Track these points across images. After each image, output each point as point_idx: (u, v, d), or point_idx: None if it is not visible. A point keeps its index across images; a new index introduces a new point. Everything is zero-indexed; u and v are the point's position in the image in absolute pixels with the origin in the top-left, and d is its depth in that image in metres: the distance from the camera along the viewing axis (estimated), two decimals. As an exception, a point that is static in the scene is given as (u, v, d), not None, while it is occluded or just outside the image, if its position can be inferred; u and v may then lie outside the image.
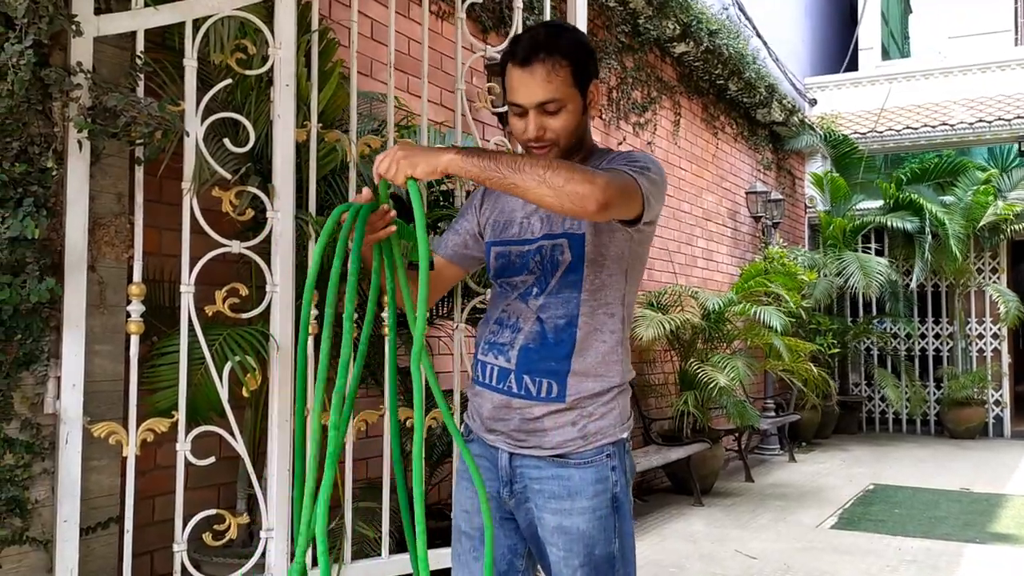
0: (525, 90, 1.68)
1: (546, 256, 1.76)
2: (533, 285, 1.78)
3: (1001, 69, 10.96)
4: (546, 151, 1.72)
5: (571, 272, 1.74)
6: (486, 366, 1.81)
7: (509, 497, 1.80)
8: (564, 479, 1.73)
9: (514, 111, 1.73)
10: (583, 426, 1.73)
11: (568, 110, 1.70)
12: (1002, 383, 10.24)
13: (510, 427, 1.77)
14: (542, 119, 1.70)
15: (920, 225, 9.67)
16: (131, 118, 2.23)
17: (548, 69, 1.66)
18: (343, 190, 2.91)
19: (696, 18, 6.79)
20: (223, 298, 2.47)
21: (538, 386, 1.73)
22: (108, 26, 2.32)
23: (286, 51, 2.56)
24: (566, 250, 1.74)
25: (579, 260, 1.73)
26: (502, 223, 1.86)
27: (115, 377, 2.44)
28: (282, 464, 2.56)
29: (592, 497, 1.72)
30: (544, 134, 1.70)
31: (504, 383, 1.77)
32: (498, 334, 1.79)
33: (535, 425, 1.74)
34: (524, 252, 1.79)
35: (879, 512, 5.95)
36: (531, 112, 1.69)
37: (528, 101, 1.68)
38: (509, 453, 1.79)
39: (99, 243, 2.38)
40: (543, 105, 1.68)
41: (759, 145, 9.49)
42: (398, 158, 1.55)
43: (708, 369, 5.95)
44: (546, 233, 1.77)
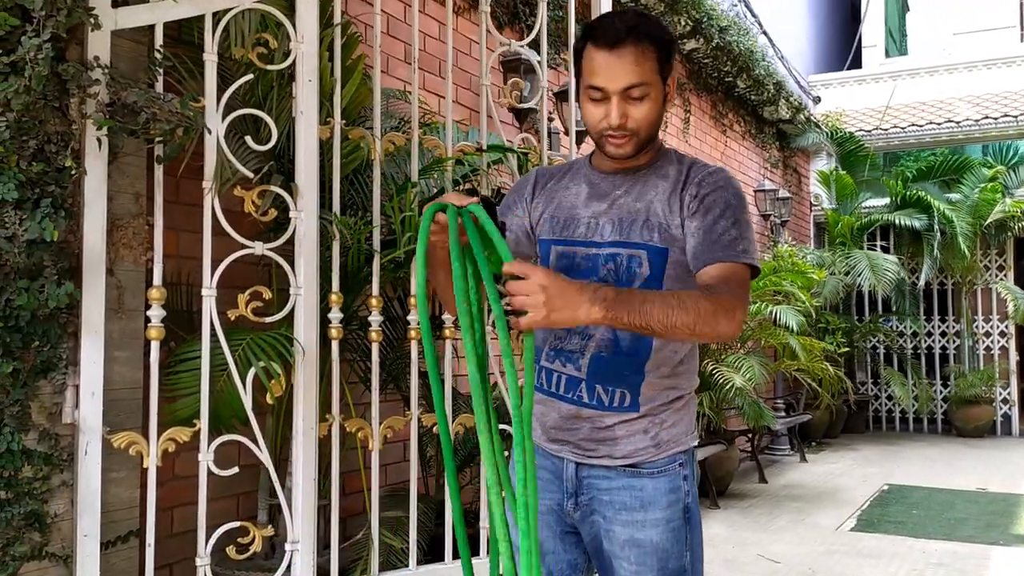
0: (610, 73, 1.58)
1: (621, 266, 1.65)
2: None
3: (1007, 65, 10.89)
4: (624, 141, 1.62)
5: (648, 285, 1.64)
6: (552, 374, 1.71)
7: (574, 509, 1.70)
8: (636, 489, 1.65)
9: (592, 97, 1.61)
10: (655, 434, 1.66)
11: (652, 98, 1.61)
12: (1010, 381, 10.16)
13: (579, 436, 1.68)
14: (625, 106, 1.59)
15: (928, 223, 9.58)
16: (151, 115, 2.14)
17: (638, 53, 1.57)
18: (367, 189, 2.82)
19: (707, 14, 6.71)
20: (246, 301, 2.39)
21: (611, 396, 1.65)
22: (126, 19, 2.23)
23: (308, 45, 2.47)
24: (644, 263, 1.64)
25: (658, 275, 1.64)
26: (562, 220, 1.75)
27: (134, 385, 2.35)
28: (308, 473, 2.47)
29: (666, 508, 1.65)
30: (626, 122, 1.60)
31: (574, 392, 1.67)
32: (566, 340, 1.69)
33: (606, 434, 1.66)
34: (592, 255, 1.68)
35: (897, 513, 5.87)
36: (615, 98, 1.59)
37: (613, 85, 1.58)
38: (576, 463, 1.70)
39: (117, 245, 2.29)
40: (629, 90, 1.58)
41: (766, 143, 9.42)
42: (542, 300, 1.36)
43: (724, 370, 5.86)
44: (619, 240, 1.66)
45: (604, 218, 1.69)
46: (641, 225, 1.64)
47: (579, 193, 1.75)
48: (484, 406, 1.42)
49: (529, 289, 1.36)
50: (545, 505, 1.72)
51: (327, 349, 2.58)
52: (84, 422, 2.16)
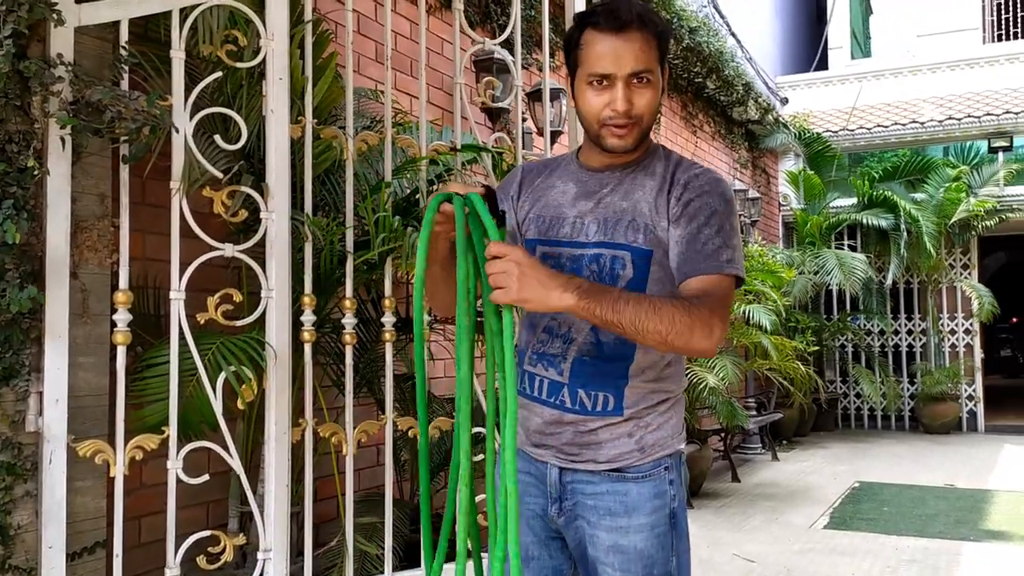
0: (616, 58, 1.53)
1: (605, 267, 1.61)
2: None
3: (970, 67, 11.06)
4: (627, 131, 1.57)
5: (631, 288, 1.58)
6: (534, 378, 1.66)
7: (558, 515, 1.67)
8: (621, 494, 1.61)
9: (594, 84, 1.56)
10: (640, 437, 1.62)
11: (654, 86, 1.57)
12: (975, 378, 10.32)
13: (561, 441, 1.65)
14: (630, 92, 1.55)
15: (895, 222, 9.71)
16: (116, 113, 2.08)
17: (645, 37, 1.54)
18: (339, 189, 2.78)
19: (677, 16, 6.73)
20: (216, 305, 2.33)
21: (593, 400, 1.61)
22: (90, 15, 2.17)
23: (279, 43, 2.42)
24: (628, 264, 1.60)
25: (642, 277, 1.60)
26: (548, 219, 1.70)
27: (100, 391, 2.28)
28: (280, 479, 2.42)
29: (651, 513, 1.61)
30: (631, 109, 1.55)
31: (556, 397, 1.63)
32: (548, 344, 1.65)
33: (589, 438, 1.62)
34: (577, 256, 1.64)
35: (869, 511, 5.92)
36: (620, 83, 1.54)
37: (621, 70, 1.53)
38: (560, 468, 1.66)
39: (82, 248, 2.22)
40: (635, 76, 1.54)
41: (735, 143, 9.48)
42: (515, 276, 1.37)
43: (696, 369, 5.88)
44: (604, 240, 1.61)
45: (590, 217, 1.64)
46: (626, 225, 1.61)
47: (566, 191, 1.70)
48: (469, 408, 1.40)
49: (504, 266, 1.37)
50: (529, 510, 1.69)
51: (299, 352, 2.52)
52: (48, 430, 2.09)
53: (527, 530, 1.70)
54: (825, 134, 10.58)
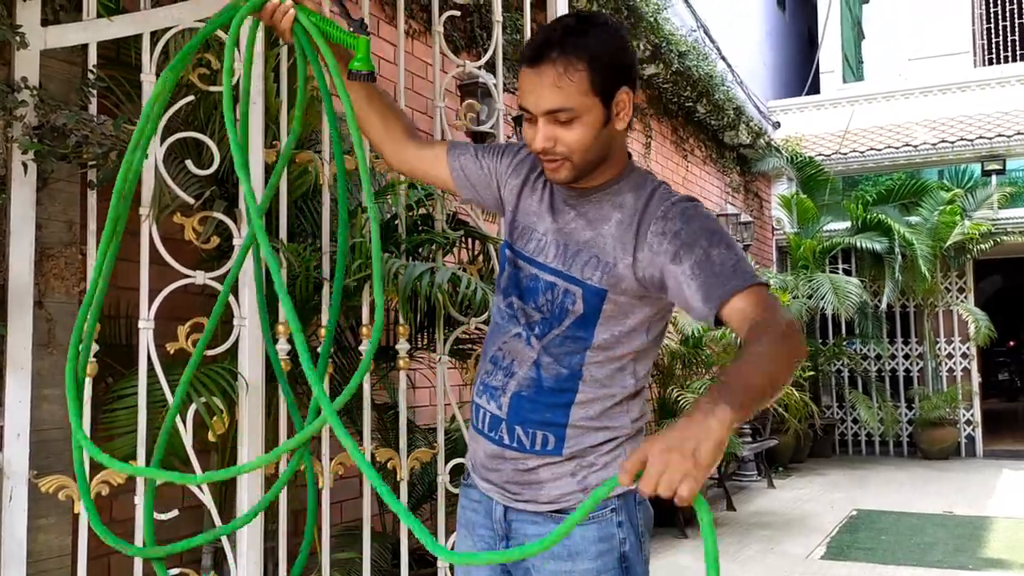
0: (532, 94, 1.43)
1: (556, 299, 1.52)
2: (537, 324, 1.54)
3: (961, 90, 11.09)
4: (557, 166, 1.47)
5: (580, 327, 1.50)
6: (479, 410, 1.60)
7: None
8: (564, 537, 1.51)
9: (525, 116, 1.47)
10: (583, 477, 1.52)
11: (583, 121, 1.42)
12: (973, 402, 10.24)
13: (503, 478, 1.57)
14: (553, 129, 1.43)
15: (889, 246, 9.67)
16: (82, 137, 2.03)
17: (559, 72, 1.40)
18: (316, 215, 2.72)
19: (666, 39, 6.73)
20: (186, 334, 2.26)
21: (531, 438, 1.52)
22: (57, 38, 2.12)
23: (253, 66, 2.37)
24: (579, 301, 1.50)
25: (592, 315, 1.50)
26: (521, 226, 1.62)
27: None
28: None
29: (595, 558, 1.50)
30: (554, 146, 1.44)
31: (496, 432, 1.56)
32: (492, 375, 1.58)
33: (529, 477, 1.54)
34: (534, 276, 1.56)
35: (866, 540, 5.82)
36: (540, 120, 1.43)
37: (534, 107, 1.43)
38: (504, 506, 1.58)
39: (47, 276, 2.16)
40: (552, 113, 1.42)
41: (727, 168, 9.47)
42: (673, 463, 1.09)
43: (688, 396, 5.80)
44: (559, 270, 1.53)
45: (551, 237, 1.56)
46: (585, 261, 1.51)
47: (541, 199, 1.60)
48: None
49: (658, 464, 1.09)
50: (484, 543, 1.64)
51: (274, 382, 2.45)
52: (9, 466, 2.02)
53: (480, 566, 1.65)
54: (818, 158, 10.58)
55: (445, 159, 1.75)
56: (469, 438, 1.72)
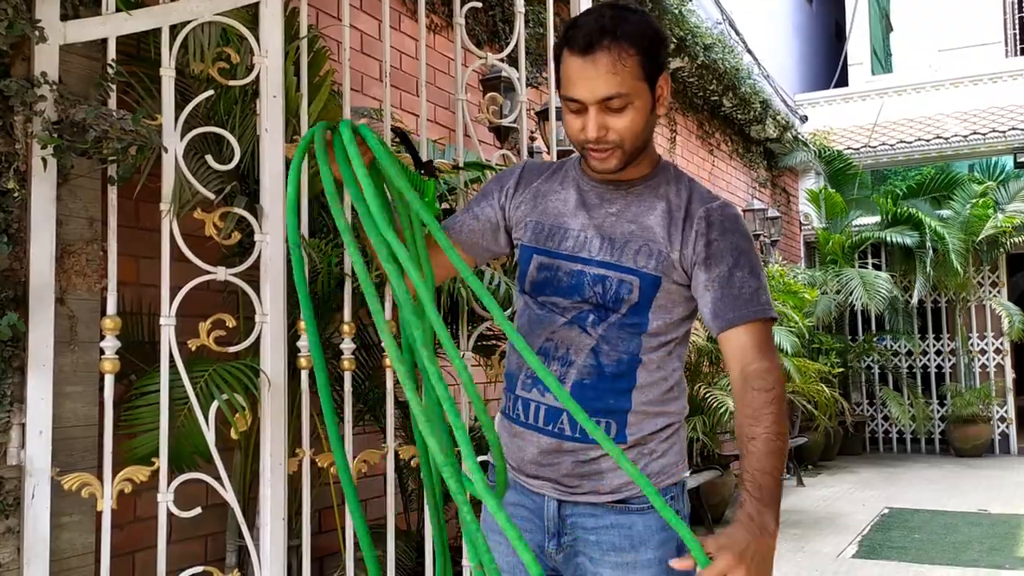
0: (586, 83, 1.42)
1: (610, 290, 1.52)
2: (589, 312, 1.54)
3: (993, 81, 10.89)
4: (608, 155, 1.48)
5: (636, 314, 1.52)
6: (529, 404, 1.55)
7: (556, 551, 1.57)
8: (625, 528, 1.52)
9: (570, 107, 1.47)
10: (644, 465, 1.53)
11: (635, 107, 1.45)
12: (1007, 398, 10.05)
13: (560, 472, 1.54)
14: (604, 117, 1.44)
15: (920, 240, 9.51)
16: (102, 132, 2.01)
17: (614, 58, 1.41)
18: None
19: (691, 32, 6.65)
20: (208, 330, 2.24)
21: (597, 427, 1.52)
22: (76, 33, 2.10)
23: (273, 59, 2.35)
24: (635, 290, 1.52)
25: (647, 304, 1.52)
26: (548, 228, 1.61)
27: (88, 421, 2.19)
28: (276, 512, 2.31)
29: (659, 547, 1.51)
30: (606, 135, 1.45)
31: (555, 424, 1.53)
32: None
33: (590, 468, 1.52)
34: (578, 272, 1.55)
35: (899, 538, 5.71)
36: (592, 109, 1.44)
37: (589, 96, 1.43)
38: (558, 501, 1.56)
39: (69, 273, 2.14)
40: (606, 101, 1.43)
41: (754, 162, 9.35)
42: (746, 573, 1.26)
43: (717, 393, 5.72)
44: (609, 261, 1.53)
45: (592, 232, 1.55)
46: (636, 250, 1.52)
47: (567, 200, 1.61)
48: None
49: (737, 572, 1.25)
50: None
51: (297, 379, 2.43)
52: (31, 463, 2.00)
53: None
54: (846, 151, 10.43)
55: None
56: (507, 436, 1.65)
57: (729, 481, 6.42)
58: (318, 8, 3.50)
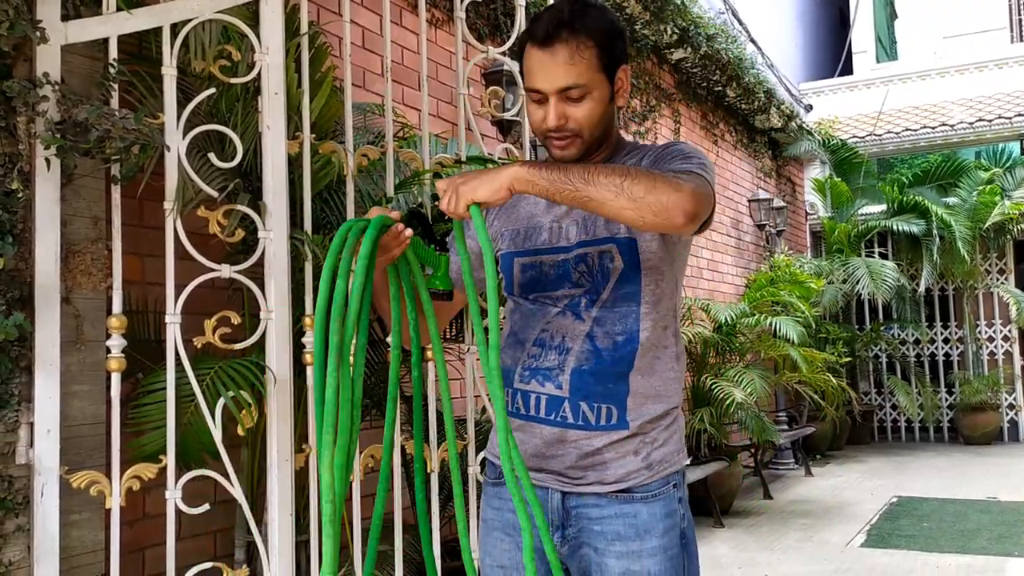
0: (545, 73, 1.48)
1: (593, 265, 1.55)
2: (581, 297, 1.56)
3: (998, 67, 10.83)
4: (567, 143, 1.53)
5: (626, 282, 1.54)
6: (529, 396, 1.57)
7: (561, 543, 1.57)
8: (630, 516, 1.53)
9: (532, 97, 1.53)
10: (647, 454, 1.55)
11: (593, 97, 1.50)
12: (1015, 386, 10.02)
13: (564, 464, 1.55)
14: (564, 107, 1.49)
15: (926, 228, 9.47)
16: (104, 132, 2.01)
17: (572, 50, 1.47)
18: (340, 206, 2.70)
19: (694, 23, 6.62)
20: (213, 328, 2.25)
21: (596, 413, 1.53)
22: (77, 33, 2.11)
23: (274, 57, 2.35)
24: (616, 256, 1.54)
25: (634, 267, 1.54)
26: (523, 231, 1.64)
27: (96, 420, 2.21)
28: (283, 508, 2.33)
29: (662, 535, 1.53)
30: (566, 123, 1.50)
31: (556, 413, 1.54)
32: (541, 358, 1.57)
33: (594, 459, 1.54)
34: (561, 261, 1.58)
35: (908, 527, 5.71)
36: (552, 98, 1.49)
37: (548, 86, 1.48)
38: (562, 493, 1.57)
39: (74, 272, 2.15)
40: (565, 91, 1.48)
41: (758, 152, 9.33)
42: (457, 185, 1.41)
43: (723, 384, 5.72)
44: (585, 239, 1.56)
45: (567, 220, 1.59)
46: (605, 221, 1.54)
47: (537, 200, 1.63)
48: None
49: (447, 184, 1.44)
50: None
51: (302, 375, 2.44)
52: (40, 462, 2.02)
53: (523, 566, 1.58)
54: (851, 140, 10.39)
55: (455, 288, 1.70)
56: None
57: (737, 471, 6.43)
58: (319, 4, 3.51)
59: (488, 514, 1.69)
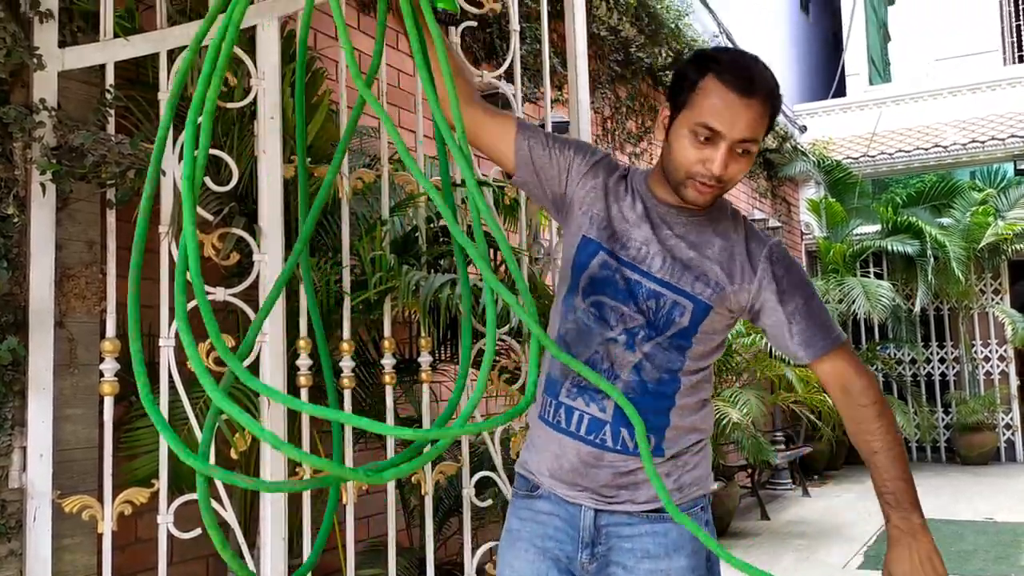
0: (734, 120, 1.47)
1: (662, 308, 1.58)
2: (640, 328, 1.58)
3: (991, 89, 10.91)
4: (712, 191, 1.53)
5: (682, 337, 1.59)
6: (573, 412, 1.59)
7: (589, 561, 1.60)
8: (660, 535, 1.57)
9: (699, 134, 1.49)
10: (678, 477, 1.60)
11: (751, 156, 1.53)
12: (1012, 406, 10.02)
13: (598, 483, 1.59)
14: (731, 157, 1.50)
15: (921, 248, 9.51)
16: (100, 157, 2.03)
17: (764, 110, 1.50)
18: (336, 228, 2.71)
19: (688, 45, 6.68)
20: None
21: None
22: (74, 60, 2.13)
23: (270, 82, 2.37)
24: (687, 314, 1.58)
25: (694, 328, 1.58)
26: (613, 230, 1.63)
27: (88, 444, 2.20)
28: (276, 531, 2.32)
29: (691, 555, 1.57)
30: (725, 173, 1.50)
31: (597, 435, 1.57)
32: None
33: (627, 479, 1.58)
34: (636, 282, 1.59)
35: (905, 547, 5.69)
36: (724, 145, 1.48)
37: (733, 133, 1.48)
38: (595, 510, 1.60)
39: (68, 296, 2.16)
40: (742, 143, 1.49)
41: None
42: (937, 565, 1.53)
43: (720, 404, 5.72)
44: (668, 281, 1.58)
45: (655, 248, 1.59)
46: (695, 277, 1.57)
47: (635, 208, 1.63)
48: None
49: None
50: (552, 554, 1.62)
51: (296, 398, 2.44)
52: (32, 486, 2.01)
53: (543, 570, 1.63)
54: (846, 161, 10.45)
55: (513, 135, 1.69)
56: (543, 443, 1.67)
57: (734, 492, 6.41)
58: (315, 29, 3.53)
59: (514, 524, 1.70)
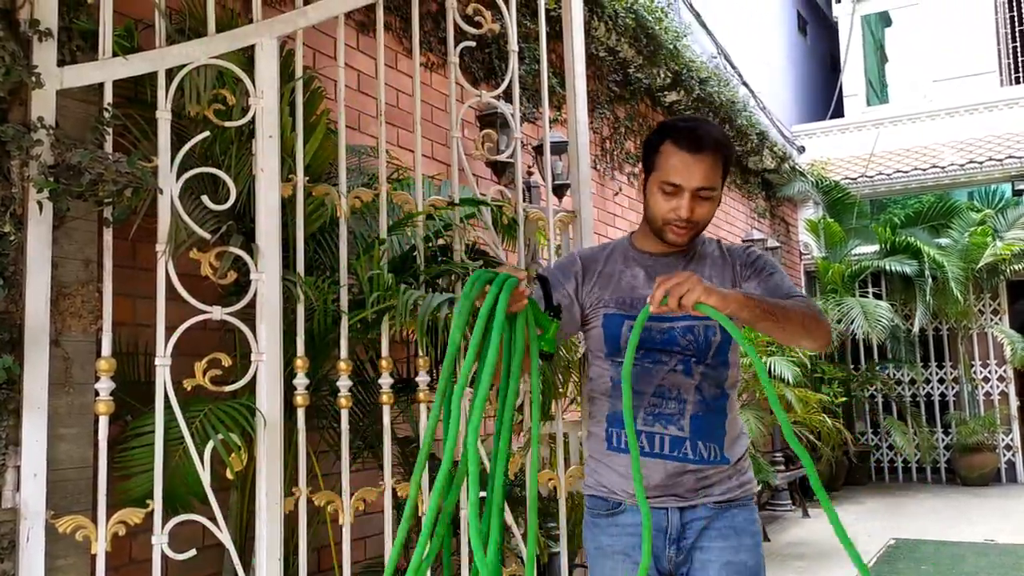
0: (689, 174, 1.87)
1: (699, 336, 1.95)
2: (690, 358, 1.95)
3: (988, 110, 10.96)
4: (686, 232, 1.93)
5: (720, 353, 1.96)
6: (654, 436, 1.94)
7: (676, 554, 1.95)
8: (730, 519, 1.97)
9: (665, 189, 1.90)
10: (738, 478, 2.01)
11: (714, 200, 1.92)
12: (1012, 427, 9.97)
13: (684, 488, 1.96)
14: (695, 203, 1.89)
15: (919, 268, 9.51)
16: (97, 175, 2.03)
17: (714, 161, 1.88)
18: (333, 248, 2.70)
19: (686, 66, 6.71)
20: (203, 370, 2.24)
21: (709, 451, 1.95)
22: (73, 78, 2.13)
23: (268, 100, 2.37)
24: (718, 332, 1.94)
25: (727, 341, 1.96)
26: (628, 300, 1.99)
27: (83, 463, 2.18)
28: (272, 552, 2.30)
29: (753, 535, 1.99)
30: (692, 215, 1.89)
31: (679, 450, 1.94)
32: (662, 405, 1.95)
33: (704, 482, 1.97)
34: (667, 329, 1.95)
35: (906, 570, 5.65)
36: (687, 194, 1.88)
37: (689, 184, 1.87)
38: (680, 509, 1.96)
39: (64, 315, 2.15)
40: (700, 191, 1.88)
41: (752, 193, 9.39)
42: (694, 282, 1.67)
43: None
44: (690, 314, 1.83)
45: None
46: None
47: (636, 275, 2.01)
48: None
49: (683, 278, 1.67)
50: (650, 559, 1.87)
51: (293, 418, 2.42)
52: (26, 506, 2.00)
53: None
54: (844, 181, 10.47)
55: None
56: (619, 466, 2.00)
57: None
58: (314, 48, 3.55)
59: (605, 541, 2.02)
